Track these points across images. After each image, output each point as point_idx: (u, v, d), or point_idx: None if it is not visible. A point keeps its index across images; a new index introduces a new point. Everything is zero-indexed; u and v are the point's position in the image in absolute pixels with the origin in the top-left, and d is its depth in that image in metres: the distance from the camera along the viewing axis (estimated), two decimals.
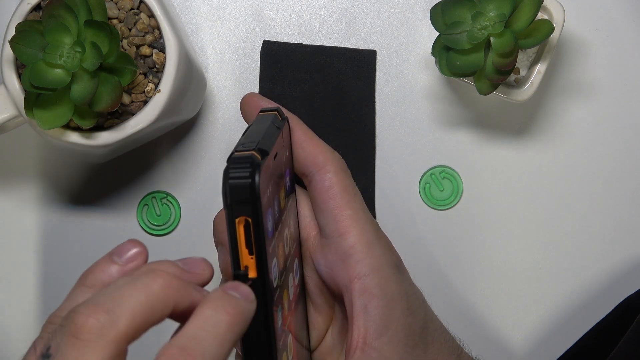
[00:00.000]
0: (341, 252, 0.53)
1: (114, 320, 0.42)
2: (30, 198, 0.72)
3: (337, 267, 0.54)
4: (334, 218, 0.54)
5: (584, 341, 0.70)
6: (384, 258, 0.54)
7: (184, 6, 0.72)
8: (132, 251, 0.47)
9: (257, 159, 0.47)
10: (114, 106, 0.59)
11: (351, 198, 0.55)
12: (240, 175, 0.46)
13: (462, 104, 0.72)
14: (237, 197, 0.46)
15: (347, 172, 0.56)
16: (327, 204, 0.54)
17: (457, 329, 0.72)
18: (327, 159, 0.55)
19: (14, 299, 0.72)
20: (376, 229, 0.55)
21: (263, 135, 0.50)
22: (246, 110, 0.57)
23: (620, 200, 0.73)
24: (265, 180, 0.48)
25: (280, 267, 0.50)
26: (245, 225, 0.47)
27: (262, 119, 0.53)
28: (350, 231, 0.54)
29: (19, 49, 0.59)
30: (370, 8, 0.73)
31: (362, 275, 0.53)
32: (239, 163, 0.47)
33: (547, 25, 0.63)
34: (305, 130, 0.56)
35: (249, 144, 0.49)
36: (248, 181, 0.46)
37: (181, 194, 0.72)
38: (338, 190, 0.55)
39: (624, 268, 0.72)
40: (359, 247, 0.53)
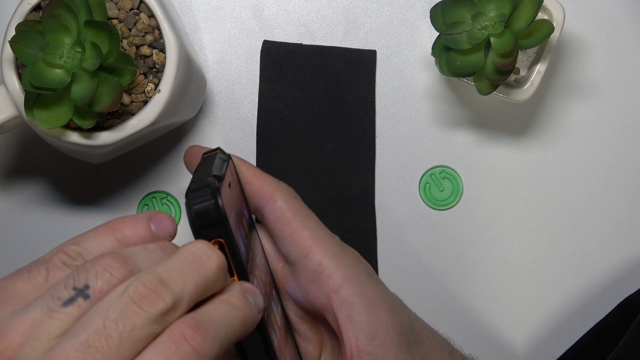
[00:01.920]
0: (310, 273, 0.54)
1: (177, 305, 0.42)
2: (30, 198, 0.72)
3: (310, 288, 0.54)
4: (294, 243, 0.55)
5: (584, 341, 0.70)
6: (354, 267, 0.54)
7: (184, 6, 0.72)
8: (167, 226, 0.47)
9: (214, 184, 0.48)
10: (114, 106, 0.59)
11: (305, 219, 0.55)
12: (202, 200, 0.47)
13: (462, 104, 0.72)
14: (205, 221, 0.47)
15: (296, 198, 0.57)
16: (284, 231, 0.55)
17: (457, 329, 0.72)
18: (273, 190, 0.56)
19: None
20: (339, 242, 0.56)
21: (213, 168, 0.51)
22: (188, 162, 0.59)
23: (620, 200, 0.73)
24: (227, 202, 0.48)
25: (262, 290, 0.50)
26: (220, 248, 0.47)
27: (206, 160, 0.54)
28: (314, 250, 0.54)
29: (19, 49, 0.59)
30: (370, 8, 0.73)
31: (337, 287, 0.53)
32: (198, 190, 0.48)
33: (547, 25, 0.64)
34: (248, 167, 0.57)
35: (202, 176, 0.49)
36: (212, 202, 0.47)
37: (181, 194, 0.72)
38: (290, 216, 0.55)
39: (624, 268, 0.72)
40: (326, 263, 0.54)
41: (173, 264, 0.43)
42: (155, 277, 0.42)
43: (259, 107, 0.72)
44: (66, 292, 0.42)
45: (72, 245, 0.45)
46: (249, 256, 0.50)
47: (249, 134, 0.72)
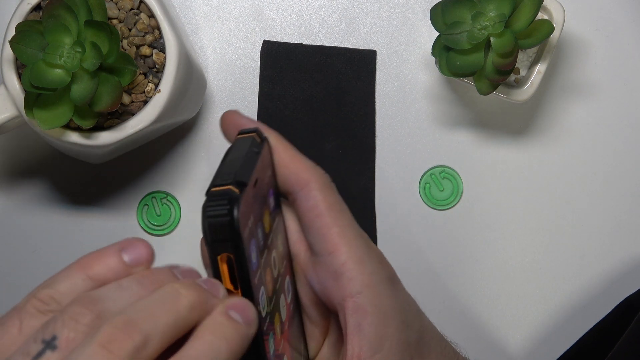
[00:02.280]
0: (332, 271, 0.53)
1: (147, 344, 0.42)
2: (30, 198, 0.72)
3: (329, 284, 0.53)
4: (322, 237, 0.53)
5: (584, 341, 0.70)
6: (376, 274, 0.53)
7: (184, 6, 0.72)
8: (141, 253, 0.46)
9: (234, 194, 0.46)
10: (114, 106, 0.59)
11: (338, 215, 0.53)
12: (218, 213, 0.46)
13: (462, 104, 0.72)
14: (217, 235, 0.46)
15: (331, 188, 0.55)
16: (314, 222, 0.53)
17: (456, 329, 0.72)
18: (309, 176, 0.54)
19: (14, 299, 0.72)
20: (366, 243, 0.54)
21: (241, 164, 0.49)
22: (225, 129, 0.56)
23: (620, 200, 0.73)
24: (246, 212, 0.47)
25: (269, 293, 0.50)
26: (228, 261, 0.46)
27: (240, 144, 0.52)
28: (340, 249, 0.53)
29: (19, 49, 0.59)
30: (370, 8, 0.73)
31: (354, 293, 0.52)
32: (216, 199, 0.46)
33: (547, 25, 0.63)
34: (286, 148, 0.55)
35: (226, 176, 0.48)
36: (227, 219, 0.46)
37: (181, 194, 0.72)
38: (324, 208, 0.53)
39: (623, 268, 0.72)
40: (349, 265, 0.52)
41: (143, 304, 0.43)
42: (123, 318, 0.42)
43: (259, 107, 0.72)
44: (35, 346, 0.42)
45: (44, 290, 0.45)
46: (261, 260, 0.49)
47: None
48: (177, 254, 0.72)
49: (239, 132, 0.53)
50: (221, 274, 0.46)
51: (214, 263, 0.46)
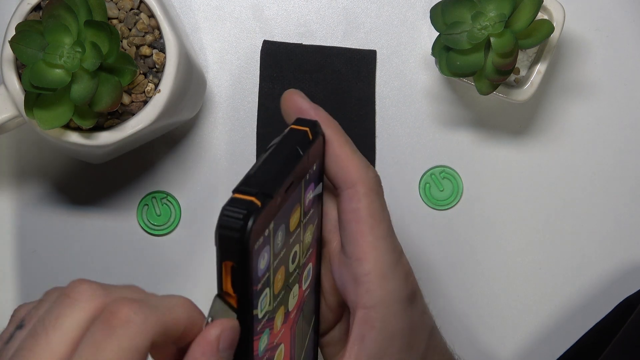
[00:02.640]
0: (354, 276, 0.53)
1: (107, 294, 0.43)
2: (30, 198, 0.72)
3: (349, 287, 0.53)
4: (354, 241, 0.53)
5: (583, 341, 0.70)
6: (396, 292, 0.53)
7: (184, 6, 0.72)
8: None
9: (254, 207, 0.46)
10: (114, 106, 0.59)
11: (376, 224, 0.53)
12: (231, 225, 0.45)
13: (462, 104, 0.72)
14: (226, 245, 0.46)
15: (378, 194, 0.54)
16: (350, 225, 0.53)
17: (457, 329, 0.72)
18: (358, 178, 0.53)
19: (14, 299, 0.72)
20: (396, 258, 0.53)
21: (278, 169, 0.48)
22: (285, 109, 0.55)
23: (620, 201, 0.73)
24: (264, 223, 0.46)
25: (276, 290, 0.50)
26: (232, 267, 0.46)
27: (289, 138, 0.51)
28: (367, 259, 0.52)
29: (19, 49, 0.59)
30: (370, 8, 0.73)
31: (368, 306, 0.52)
32: (235, 207, 0.46)
33: (547, 25, 0.63)
34: (341, 144, 0.54)
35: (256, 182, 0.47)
36: (237, 235, 0.45)
37: (181, 194, 0.72)
38: (364, 215, 0.53)
39: (624, 268, 0.72)
40: (371, 277, 0.52)
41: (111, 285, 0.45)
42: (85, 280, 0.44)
43: (259, 107, 0.72)
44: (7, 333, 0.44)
45: None
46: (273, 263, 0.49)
47: (249, 134, 0.72)
48: (177, 254, 0.72)
49: (295, 120, 0.53)
50: (223, 278, 0.46)
51: (219, 266, 0.46)
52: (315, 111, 0.54)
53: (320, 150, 0.53)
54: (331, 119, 0.54)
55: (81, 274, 0.72)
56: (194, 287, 0.72)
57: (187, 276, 0.72)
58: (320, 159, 0.53)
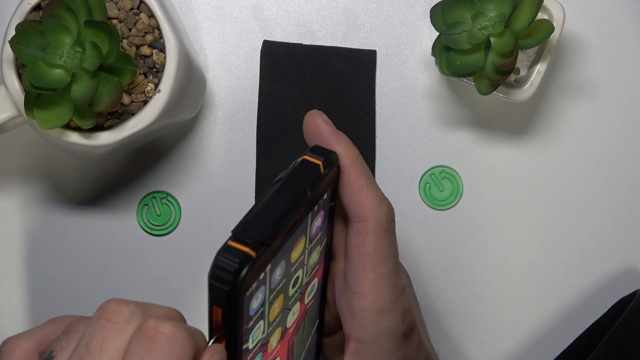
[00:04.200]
0: (351, 308, 0.52)
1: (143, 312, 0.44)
2: (30, 198, 0.72)
3: (345, 316, 0.53)
4: (355, 275, 0.52)
5: (579, 342, 0.70)
6: (391, 330, 0.52)
7: (184, 6, 0.72)
8: None
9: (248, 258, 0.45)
10: (114, 106, 0.59)
11: (380, 262, 0.52)
12: (222, 277, 0.45)
13: (462, 104, 0.72)
14: (216, 294, 0.45)
15: (387, 230, 0.53)
16: (355, 258, 0.52)
17: (456, 329, 0.72)
18: (370, 214, 0.52)
19: (14, 299, 0.72)
20: (396, 296, 0.53)
21: (281, 214, 0.47)
22: (306, 131, 0.54)
23: (619, 201, 0.73)
24: (257, 272, 0.46)
25: (271, 319, 0.50)
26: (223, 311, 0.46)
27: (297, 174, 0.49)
28: (366, 295, 0.52)
29: (19, 49, 0.59)
30: (370, 8, 0.73)
31: (361, 340, 0.52)
32: (229, 257, 0.45)
33: (547, 25, 0.64)
34: (357, 176, 0.53)
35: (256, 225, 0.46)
36: (226, 289, 0.45)
37: (181, 194, 0.72)
38: (369, 251, 0.52)
39: (624, 268, 0.72)
40: (367, 314, 0.52)
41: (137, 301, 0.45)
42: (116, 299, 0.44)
43: (259, 107, 0.72)
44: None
45: None
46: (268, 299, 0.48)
47: (249, 134, 0.72)
48: (177, 254, 0.72)
49: (311, 149, 0.51)
50: (213, 318, 0.46)
51: (210, 307, 0.46)
52: (335, 137, 0.53)
53: (334, 178, 0.52)
54: (351, 147, 0.53)
55: (81, 274, 0.72)
56: (194, 287, 0.72)
57: (187, 276, 0.72)
58: (334, 186, 0.52)
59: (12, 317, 0.72)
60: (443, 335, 0.72)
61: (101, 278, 0.72)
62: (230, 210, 0.72)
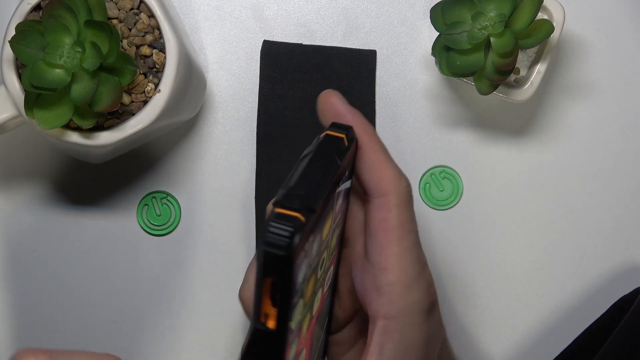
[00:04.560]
0: (377, 285, 0.52)
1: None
2: (30, 198, 0.72)
3: (370, 295, 0.53)
4: (380, 250, 0.52)
5: (579, 341, 0.70)
6: (417, 304, 0.53)
7: (184, 6, 0.72)
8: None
9: (299, 223, 0.45)
10: (114, 106, 0.59)
11: (404, 235, 0.52)
12: (277, 243, 0.44)
13: (462, 104, 0.72)
14: (270, 262, 0.45)
15: (408, 204, 0.53)
16: (378, 234, 0.52)
17: (456, 328, 0.72)
18: (391, 188, 0.52)
19: (14, 299, 0.72)
20: (420, 269, 0.53)
21: (318, 180, 0.47)
22: (321, 110, 0.54)
23: (619, 201, 0.73)
24: (306, 237, 0.45)
25: (307, 298, 0.49)
26: (273, 283, 0.45)
27: (326, 145, 0.50)
28: (392, 270, 0.52)
29: (19, 49, 0.59)
30: (370, 8, 0.73)
31: (389, 316, 0.52)
32: (279, 224, 0.44)
33: (547, 25, 0.64)
34: (375, 151, 0.53)
35: (299, 192, 0.46)
36: (283, 254, 0.44)
37: (181, 194, 0.72)
38: (392, 225, 0.52)
39: (624, 268, 0.72)
40: (395, 288, 0.52)
41: None
42: None
43: (259, 107, 0.72)
44: None
45: None
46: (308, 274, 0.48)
47: (249, 134, 0.72)
48: (177, 254, 0.72)
49: (331, 125, 0.52)
50: (262, 291, 0.46)
51: (259, 280, 0.45)
52: (352, 115, 0.53)
53: (353, 155, 0.52)
54: (367, 123, 0.54)
55: (81, 274, 0.72)
56: (193, 287, 0.72)
57: (187, 276, 0.72)
58: (352, 163, 0.53)
59: (13, 317, 0.72)
60: None
61: (101, 278, 0.72)
62: (230, 210, 0.72)
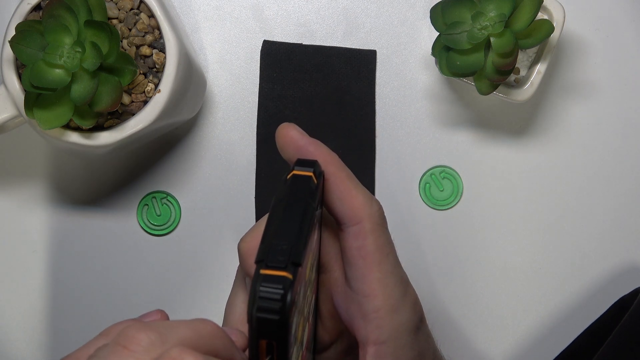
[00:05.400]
0: (364, 313, 0.52)
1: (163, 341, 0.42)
2: (30, 198, 0.72)
3: (357, 322, 0.52)
4: (362, 277, 0.52)
5: (579, 341, 0.70)
6: (406, 324, 0.52)
7: (184, 6, 0.72)
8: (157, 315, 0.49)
9: (287, 282, 0.44)
10: (114, 106, 0.59)
11: (383, 259, 0.52)
12: (270, 308, 0.43)
13: (462, 104, 0.72)
14: (265, 327, 0.44)
15: (383, 227, 0.53)
16: (357, 262, 0.52)
17: (455, 328, 0.72)
18: (364, 215, 0.52)
19: (14, 299, 0.72)
20: (404, 289, 0.53)
21: (298, 232, 0.46)
22: (281, 146, 0.53)
23: (619, 201, 0.73)
24: (295, 292, 0.45)
25: (298, 340, 0.49)
26: (269, 344, 0.45)
27: (296, 191, 0.48)
28: (377, 295, 0.51)
29: (19, 49, 0.59)
30: (370, 8, 0.73)
31: (379, 342, 0.52)
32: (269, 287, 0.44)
33: (547, 25, 0.64)
34: (343, 180, 0.52)
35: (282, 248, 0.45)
36: (277, 317, 0.43)
37: (181, 194, 0.72)
38: (370, 251, 0.52)
39: (624, 268, 0.72)
40: (382, 313, 0.52)
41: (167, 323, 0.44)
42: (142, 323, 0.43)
43: (259, 107, 0.72)
44: None
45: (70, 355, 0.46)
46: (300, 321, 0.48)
47: (249, 134, 0.72)
48: (177, 254, 0.72)
49: (296, 162, 0.50)
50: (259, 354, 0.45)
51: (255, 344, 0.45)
52: (314, 147, 0.52)
53: (321, 188, 0.51)
54: (330, 153, 0.53)
55: (81, 274, 0.72)
56: (193, 287, 0.72)
57: (187, 276, 0.72)
58: (321, 194, 0.52)
59: (13, 317, 0.72)
60: (442, 335, 0.72)
61: (101, 278, 0.72)
62: (230, 210, 0.72)
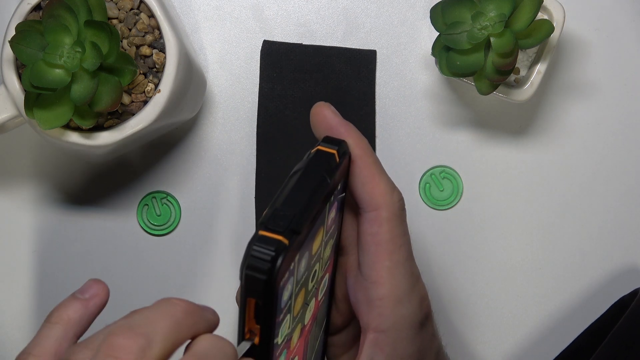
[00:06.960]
0: (369, 299, 0.52)
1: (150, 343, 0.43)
2: (30, 198, 0.72)
3: (362, 307, 0.53)
4: (372, 264, 0.52)
5: (578, 341, 0.70)
6: (409, 317, 0.53)
7: (184, 6, 0.72)
8: (94, 288, 0.49)
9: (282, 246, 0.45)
10: (114, 106, 0.59)
11: (395, 249, 0.52)
12: (259, 267, 0.45)
13: (462, 104, 0.72)
14: (252, 285, 0.45)
15: (401, 218, 0.53)
16: (370, 248, 0.52)
17: (455, 328, 0.72)
18: (382, 203, 0.52)
19: (14, 299, 0.72)
20: (413, 283, 0.53)
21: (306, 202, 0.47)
22: (314, 124, 0.54)
23: (619, 201, 0.73)
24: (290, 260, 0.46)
25: (296, 313, 0.50)
26: (256, 304, 0.46)
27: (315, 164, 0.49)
28: (383, 284, 0.52)
29: (19, 49, 0.59)
30: (370, 8, 0.73)
31: (379, 330, 0.52)
32: (262, 248, 0.45)
33: (547, 25, 0.64)
34: (369, 165, 0.53)
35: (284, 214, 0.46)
36: (264, 278, 0.44)
37: (181, 194, 0.72)
38: (384, 239, 0.52)
39: (624, 268, 0.72)
40: (385, 302, 0.52)
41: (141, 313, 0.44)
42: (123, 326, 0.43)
43: (259, 107, 0.72)
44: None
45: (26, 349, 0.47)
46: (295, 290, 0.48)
47: (249, 134, 0.72)
48: (177, 254, 0.72)
49: (323, 139, 0.51)
50: (246, 311, 0.46)
51: (243, 301, 0.46)
52: (345, 128, 0.53)
53: (346, 168, 0.52)
54: (361, 137, 0.53)
55: (81, 274, 0.72)
56: (193, 287, 0.72)
57: (187, 276, 0.72)
58: (345, 177, 0.53)
59: (13, 317, 0.72)
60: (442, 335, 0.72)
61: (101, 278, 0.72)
62: (230, 210, 0.72)
